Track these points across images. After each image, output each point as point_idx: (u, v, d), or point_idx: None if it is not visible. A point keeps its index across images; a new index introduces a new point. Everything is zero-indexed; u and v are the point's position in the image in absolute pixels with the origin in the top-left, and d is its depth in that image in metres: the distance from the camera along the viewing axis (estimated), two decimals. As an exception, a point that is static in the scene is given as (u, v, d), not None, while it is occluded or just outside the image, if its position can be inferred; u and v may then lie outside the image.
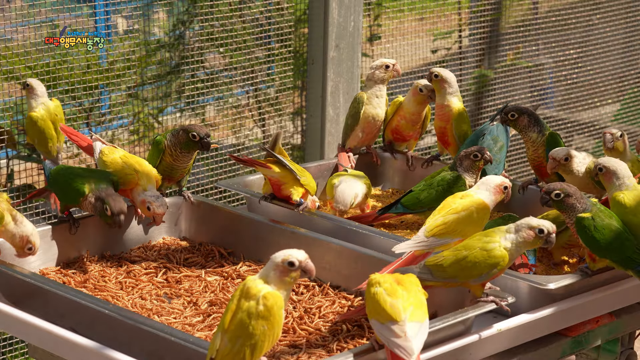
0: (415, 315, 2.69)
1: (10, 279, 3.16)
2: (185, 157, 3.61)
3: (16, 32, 4.47)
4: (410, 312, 2.68)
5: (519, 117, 3.79)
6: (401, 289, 2.73)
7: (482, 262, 2.93)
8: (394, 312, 2.68)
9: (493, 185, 3.22)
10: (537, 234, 2.94)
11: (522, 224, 2.96)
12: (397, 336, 2.65)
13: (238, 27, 5.21)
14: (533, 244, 2.96)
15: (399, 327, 2.66)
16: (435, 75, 3.97)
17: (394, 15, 6.01)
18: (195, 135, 3.54)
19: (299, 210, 3.57)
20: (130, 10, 4.89)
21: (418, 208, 3.65)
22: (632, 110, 7.11)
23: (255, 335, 2.58)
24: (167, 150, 3.59)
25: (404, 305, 2.69)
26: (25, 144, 4.79)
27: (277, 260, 2.63)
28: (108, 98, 5.00)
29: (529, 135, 3.80)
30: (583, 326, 3.28)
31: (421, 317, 2.70)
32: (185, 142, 3.56)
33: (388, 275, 2.79)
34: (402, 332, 2.65)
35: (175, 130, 3.60)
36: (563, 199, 3.20)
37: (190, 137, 3.54)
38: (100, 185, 3.37)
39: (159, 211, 3.45)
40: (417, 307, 2.70)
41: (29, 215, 4.65)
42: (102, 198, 3.34)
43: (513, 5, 6.47)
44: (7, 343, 4.58)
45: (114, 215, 3.33)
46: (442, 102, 4.00)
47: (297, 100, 5.55)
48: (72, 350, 2.90)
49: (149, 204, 3.45)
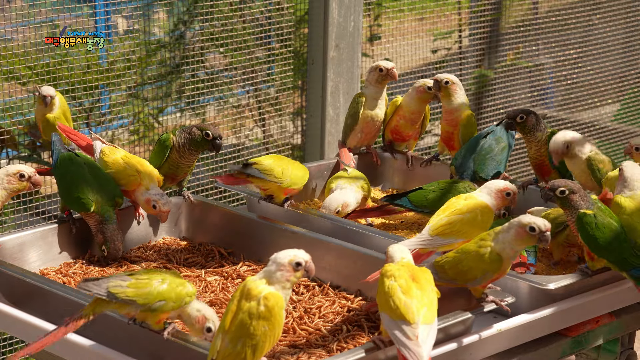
0: (427, 317, 2.69)
1: (10, 279, 3.16)
2: (192, 156, 3.61)
3: (16, 32, 4.47)
4: (423, 315, 2.68)
5: (527, 118, 3.78)
6: (416, 287, 2.73)
7: (474, 266, 2.93)
8: (407, 313, 2.67)
9: (495, 190, 3.21)
10: (529, 231, 2.92)
11: (513, 223, 2.94)
12: (408, 338, 2.65)
13: (238, 27, 5.21)
14: (526, 242, 2.93)
15: (412, 330, 2.66)
16: (446, 82, 3.94)
17: (394, 15, 6.02)
18: (209, 134, 3.54)
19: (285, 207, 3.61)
20: (131, 10, 4.89)
21: (423, 207, 3.64)
22: (632, 110, 7.11)
23: (256, 336, 2.58)
24: (176, 147, 3.59)
25: (418, 306, 2.69)
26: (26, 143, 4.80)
27: (283, 261, 2.63)
28: (108, 98, 5.00)
29: (536, 135, 3.79)
30: (583, 326, 3.28)
31: (432, 318, 2.70)
32: (197, 140, 3.56)
33: (403, 268, 2.78)
34: (414, 335, 2.65)
35: (187, 127, 3.60)
36: (567, 196, 3.20)
37: (203, 135, 3.54)
38: (106, 213, 3.41)
39: (165, 209, 3.45)
40: (429, 309, 2.71)
41: (29, 215, 4.65)
42: (106, 238, 3.42)
43: (513, 5, 6.47)
44: (7, 343, 4.58)
45: (109, 255, 3.44)
46: (450, 107, 3.99)
47: (297, 100, 5.55)
48: (72, 350, 2.90)
49: (154, 203, 3.45)
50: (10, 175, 3.32)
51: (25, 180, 3.33)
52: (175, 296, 2.75)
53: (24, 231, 3.41)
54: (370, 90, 4.12)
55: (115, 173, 3.47)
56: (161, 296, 2.74)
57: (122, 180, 3.47)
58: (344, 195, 3.70)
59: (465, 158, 3.81)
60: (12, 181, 3.31)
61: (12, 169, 3.34)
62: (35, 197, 4.64)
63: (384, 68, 4.07)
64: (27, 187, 3.34)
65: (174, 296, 2.75)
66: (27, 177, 3.33)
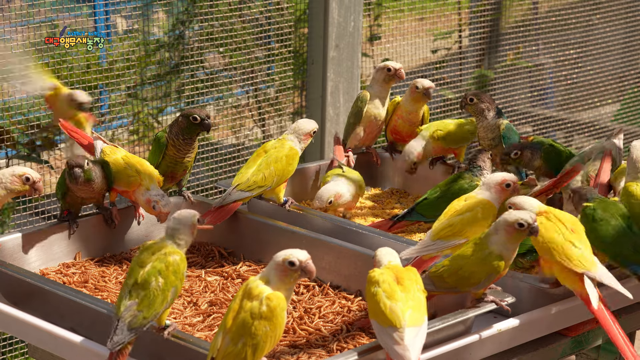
0: (414, 319, 2.68)
1: (10, 279, 3.15)
2: (188, 146, 3.59)
3: (16, 32, 4.46)
4: (409, 316, 2.68)
5: (522, 154, 3.74)
6: (400, 290, 2.73)
7: (477, 270, 2.91)
8: (393, 318, 2.67)
9: (493, 184, 3.21)
10: (518, 228, 2.88)
11: (500, 223, 2.90)
12: (396, 343, 2.65)
13: (238, 27, 5.21)
14: (518, 239, 2.89)
15: (398, 334, 2.66)
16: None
17: (394, 15, 6.02)
18: (197, 117, 3.53)
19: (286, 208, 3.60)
20: (130, 10, 4.90)
21: (432, 216, 3.48)
22: (632, 110, 7.11)
23: (257, 336, 2.58)
24: (170, 142, 3.58)
25: (402, 309, 2.69)
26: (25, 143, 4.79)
27: (278, 260, 2.63)
28: (108, 98, 5.00)
29: (534, 165, 3.74)
30: (583, 326, 3.28)
31: (419, 319, 2.70)
32: (186, 127, 3.55)
33: (387, 271, 2.78)
34: (400, 339, 2.65)
35: (174, 120, 3.60)
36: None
37: (191, 120, 3.54)
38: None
39: (165, 210, 3.44)
40: (415, 310, 2.70)
41: (29, 215, 4.65)
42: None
43: (513, 5, 6.47)
44: (7, 343, 4.58)
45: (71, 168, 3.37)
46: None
47: (297, 100, 5.55)
48: (72, 350, 2.90)
49: (154, 203, 3.44)
50: (16, 176, 3.29)
51: (29, 184, 3.30)
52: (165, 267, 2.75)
53: (24, 231, 3.41)
54: (375, 90, 4.12)
55: (116, 173, 3.47)
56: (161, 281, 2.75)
57: (122, 180, 3.47)
58: (337, 186, 3.70)
59: None
60: (15, 182, 3.29)
61: (19, 170, 3.31)
62: (35, 197, 4.63)
63: (392, 68, 4.06)
64: (28, 191, 3.32)
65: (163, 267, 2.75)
66: (31, 181, 3.30)
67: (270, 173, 3.55)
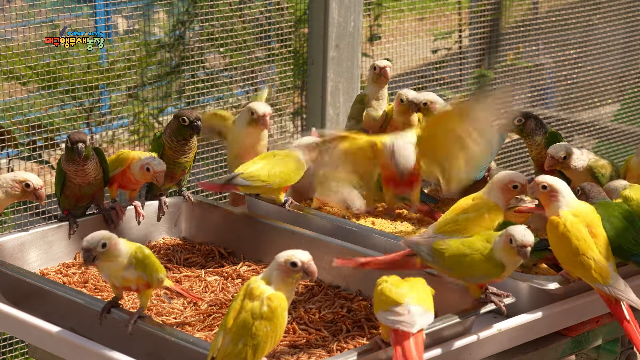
0: (420, 299, 2.73)
1: (10, 279, 3.16)
2: (182, 147, 3.60)
3: (16, 32, 4.47)
4: (414, 297, 2.72)
5: (526, 122, 3.75)
6: (407, 283, 2.78)
7: (478, 265, 2.92)
8: (397, 297, 2.71)
9: (499, 185, 3.17)
10: (509, 243, 2.87)
11: (504, 232, 2.90)
12: (399, 315, 2.68)
13: (238, 27, 5.21)
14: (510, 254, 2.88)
15: (402, 307, 2.69)
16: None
17: (394, 15, 6.02)
18: (185, 119, 3.54)
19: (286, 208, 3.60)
20: (131, 10, 4.90)
21: None
22: (632, 110, 7.11)
23: (258, 336, 2.58)
24: (166, 143, 3.59)
25: (407, 292, 2.73)
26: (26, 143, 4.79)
27: (280, 260, 2.64)
28: (108, 98, 5.00)
29: (535, 139, 3.76)
30: (583, 326, 3.28)
31: (427, 305, 2.74)
32: (177, 129, 3.57)
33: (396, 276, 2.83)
34: (405, 310, 2.68)
35: (169, 122, 3.61)
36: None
37: (180, 122, 3.55)
38: None
39: (159, 169, 3.44)
40: (421, 296, 2.74)
41: (29, 215, 4.65)
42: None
43: (513, 5, 6.47)
44: (7, 343, 4.58)
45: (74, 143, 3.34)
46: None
47: (297, 100, 5.55)
48: (72, 350, 2.90)
49: (147, 165, 3.44)
50: (17, 181, 3.26)
51: (29, 190, 3.28)
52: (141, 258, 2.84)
53: (24, 231, 3.41)
54: (369, 90, 4.10)
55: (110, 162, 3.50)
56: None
57: (115, 161, 3.48)
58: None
59: None
60: (15, 188, 3.27)
61: (20, 175, 3.28)
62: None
63: (377, 66, 4.02)
64: (29, 197, 3.30)
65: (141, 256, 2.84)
66: (32, 187, 3.27)
67: (275, 173, 3.56)
